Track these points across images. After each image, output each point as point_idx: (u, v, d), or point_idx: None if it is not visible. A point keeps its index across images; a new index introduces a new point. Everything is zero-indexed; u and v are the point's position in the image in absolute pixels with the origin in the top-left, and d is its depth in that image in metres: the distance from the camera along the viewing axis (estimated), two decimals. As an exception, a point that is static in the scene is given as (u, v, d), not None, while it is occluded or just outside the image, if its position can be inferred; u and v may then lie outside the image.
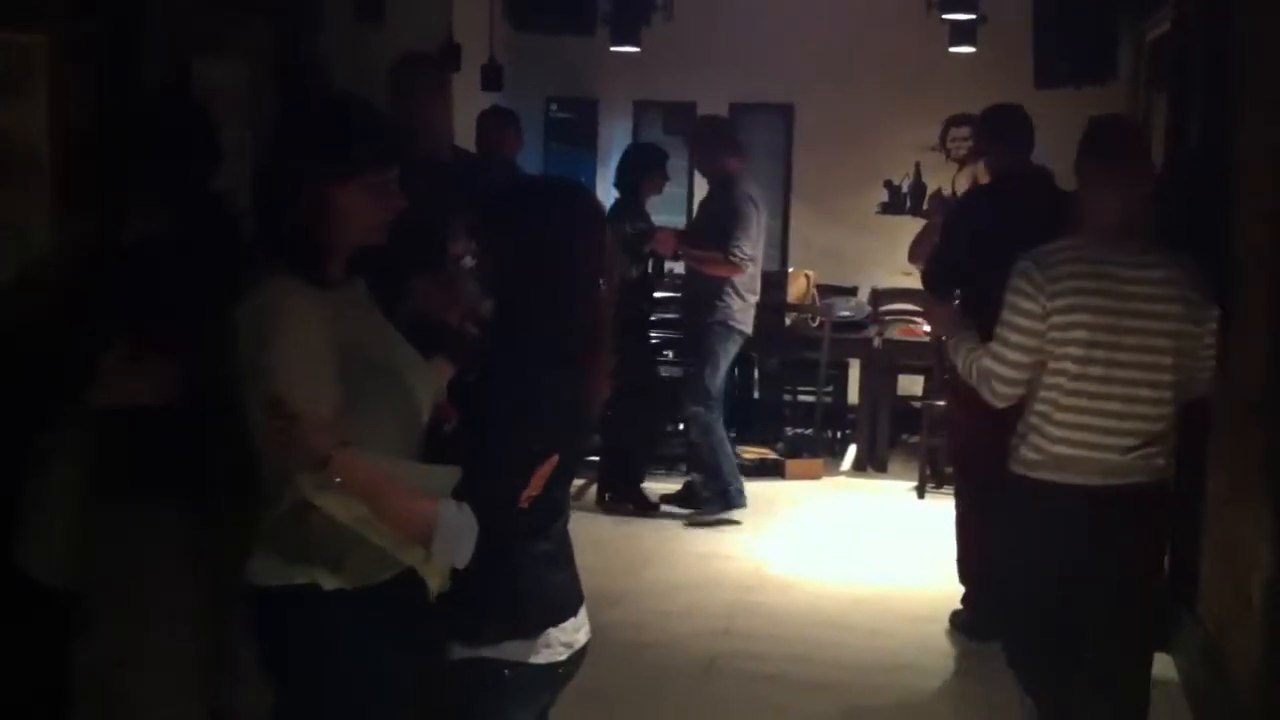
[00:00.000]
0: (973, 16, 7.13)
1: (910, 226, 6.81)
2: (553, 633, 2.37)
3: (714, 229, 6.25)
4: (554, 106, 9.18)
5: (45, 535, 2.79)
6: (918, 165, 8.33)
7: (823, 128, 8.90)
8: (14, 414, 2.83)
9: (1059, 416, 3.22)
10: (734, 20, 8.66)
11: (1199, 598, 4.52)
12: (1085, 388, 3.19)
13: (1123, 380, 3.17)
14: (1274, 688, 3.27)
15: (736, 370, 8.19)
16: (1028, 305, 3.19)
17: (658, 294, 7.08)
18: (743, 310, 6.34)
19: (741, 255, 6.18)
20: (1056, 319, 3.17)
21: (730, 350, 6.38)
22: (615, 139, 9.34)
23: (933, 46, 7.80)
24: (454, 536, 2.13)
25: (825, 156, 8.87)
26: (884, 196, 8.45)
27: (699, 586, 5.53)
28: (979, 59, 7.68)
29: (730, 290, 6.29)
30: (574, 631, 2.43)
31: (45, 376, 2.70)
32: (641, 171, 6.57)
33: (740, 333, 6.33)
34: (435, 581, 2.21)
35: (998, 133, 4.95)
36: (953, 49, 7.53)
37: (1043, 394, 3.25)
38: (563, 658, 2.39)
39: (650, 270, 6.80)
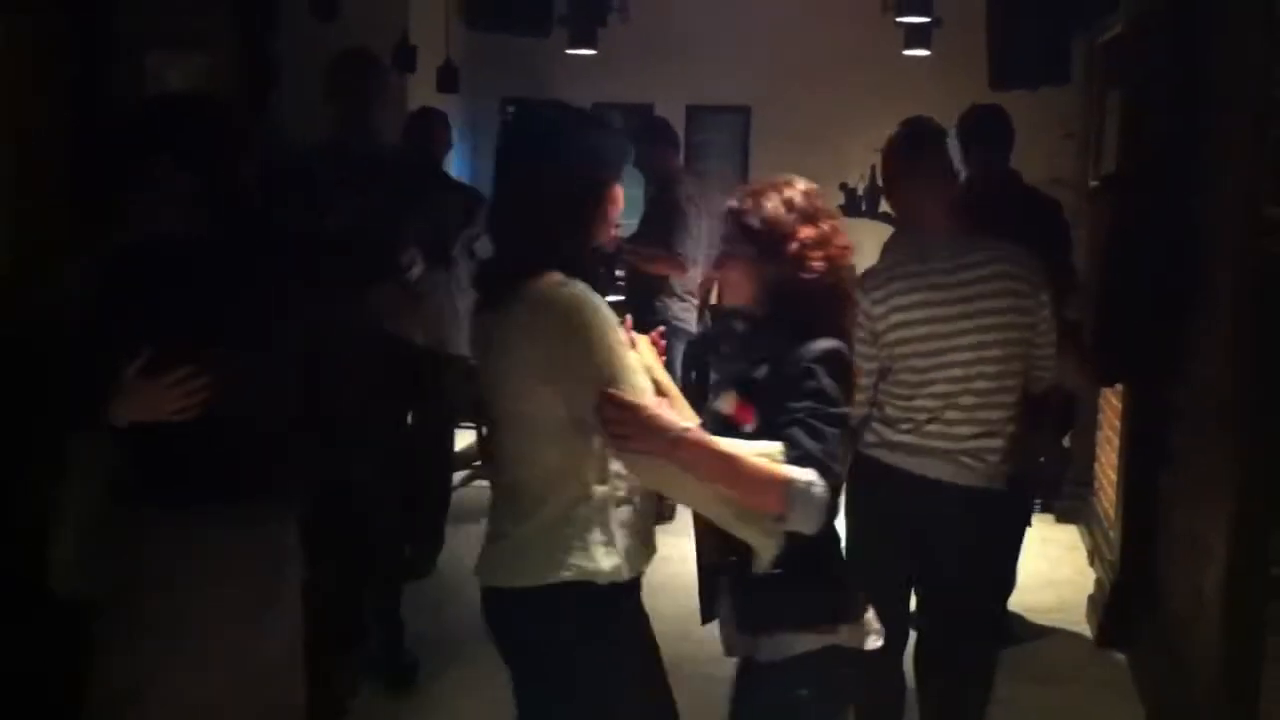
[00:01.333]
0: (928, 19, 7.16)
1: (867, 228, 6.82)
2: (868, 618, 2.45)
3: (657, 229, 6.21)
4: (511, 108, 9.12)
5: (67, 547, 2.75)
6: (873, 168, 8.30)
7: (779, 130, 8.91)
8: (25, 419, 2.82)
9: (894, 408, 3.27)
10: (690, 22, 8.66)
11: (1157, 595, 4.54)
12: (918, 381, 3.23)
13: (954, 377, 3.20)
14: (1230, 684, 3.29)
15: (695, 373, 8.18)
16: (860, 332, 3.17)
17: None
18: (684, 310, 6.33)
19: (686, 254, 6.19)
20: (888, 336, 3.24)
21: (675, 351, 6.35)
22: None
23: (888, 49, 7.82)
24: (809, 502, 2.19)
25: (782, 158, 8.83)
26: (840, 199, 8.46)
27: (655, 591, 5.44)
28: (934, 61, 7.70)
29: (670, 289, 6.25)
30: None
31: (59, 383, 2.64)
32: None
33: (684, 333, 6.28)
34: (768, 554, 2.27)
35: (977, 134, 4.95)
36: (908, 51, 7.56)
37: (884, 386, 3.29)
38: (880, 645, 2.45)
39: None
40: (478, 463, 7.21)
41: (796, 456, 2.24)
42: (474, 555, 2.50)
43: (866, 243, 5.79)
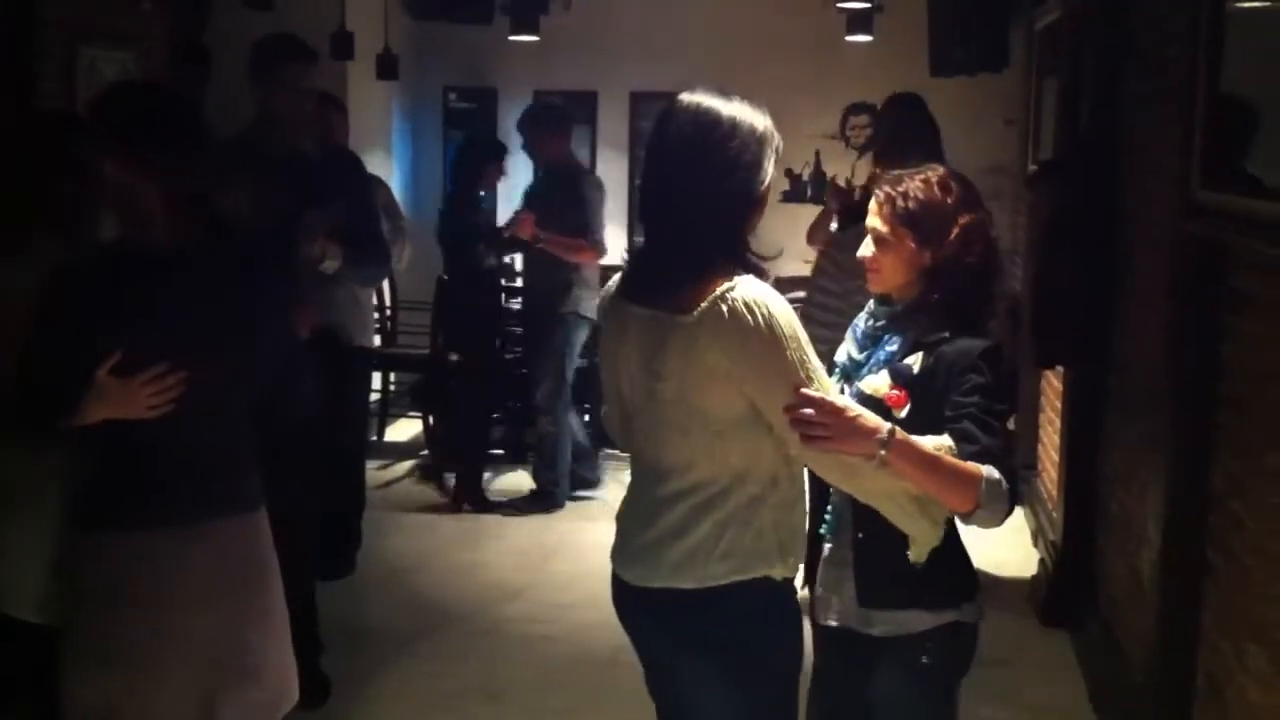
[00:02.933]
0: (869, 5, 7.19)
1: (811, 214, 6.84)
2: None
3: (567, 216, 6.15)
4: (453, 96, 9.06)
5: (28, 567, 2.70)
6: (818, 154, 8.37)
7: (724, 117, 8.90)
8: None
9: None
10: (633, 9, 8.63)
11: (1093, 574, 4.60)
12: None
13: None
14: (1165, 662, 3.33)
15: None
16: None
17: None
18: (590, 298, 6.34)
19: (601, 240, 6.20)
20: None
21: (581, 340, 6.33)
22: (515, 128, 9.27)
23: (831, 35, 7.84)
24: (998, 497, 2.23)
25: (726, 145, 8.87)
26: (785, 185, 8.48)
27: (602, 577, 5.44)
28: (876, 48, 7.73)
29: (580, 279, 6.26)
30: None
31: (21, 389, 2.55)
32: (481, 164, 6.46)
33: (590, 321, 6.26)
34: (924, 552, 2.35)
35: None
36: (850, 38, 7.58)
37: None
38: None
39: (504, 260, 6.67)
40: (424, 452, 7.18)
41: (974, 451, 2.25)
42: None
43: (808, 228, 5.85)
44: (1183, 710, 3.20)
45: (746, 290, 2.17)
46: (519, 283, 6.95)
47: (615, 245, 9.31)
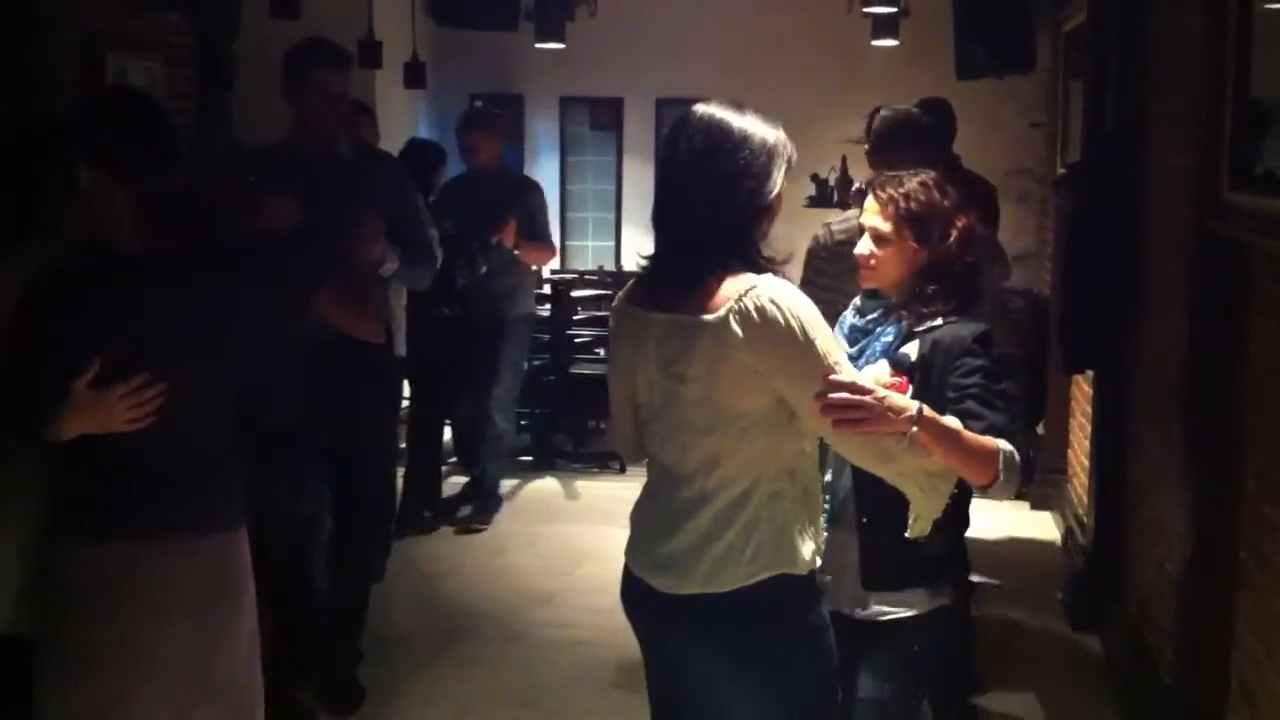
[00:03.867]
0: (894, 9, 7.18)
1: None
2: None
3: (523, 220, 6.13)
4: (479, 103, 9.11)
5: (11, 583, 2.62)
6: (844, 159, 8.35)
7: (750, 122, 8.90)
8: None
9: None
10: (659, 15, 8.65)
11: (1123, 578, 4.58)
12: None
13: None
14: (1194, 666, 3.32)
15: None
16: None
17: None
18: (534, 300, 6.54)
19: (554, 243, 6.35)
20: None
21: (524, 341, 6.44)
22: (542, 135, 9.30)
23: (856, 40, 7.84)
24: (1013, 470, 2.33)
25: (752, 151, 8.87)
26: (811, 190, 8.48)
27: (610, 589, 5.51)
28: (901, 52, 7.72)
29: (529, 282, 6.38)
30: None
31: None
32: (433, 171, 6.40)
33: (538, 320, 6.51)
34: (927, 527, 2.42)
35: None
36: (875, 42, 7.57)
37: None
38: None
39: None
40: (453, 459, 7.22)
41: (982, 428, 2.36)
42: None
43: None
44: (1213, 715, 3.19)
45: (770, 287, 2.23)
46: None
47: (644, 249, 9.37)
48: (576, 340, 7.62)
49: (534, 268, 6.46)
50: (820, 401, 2.18)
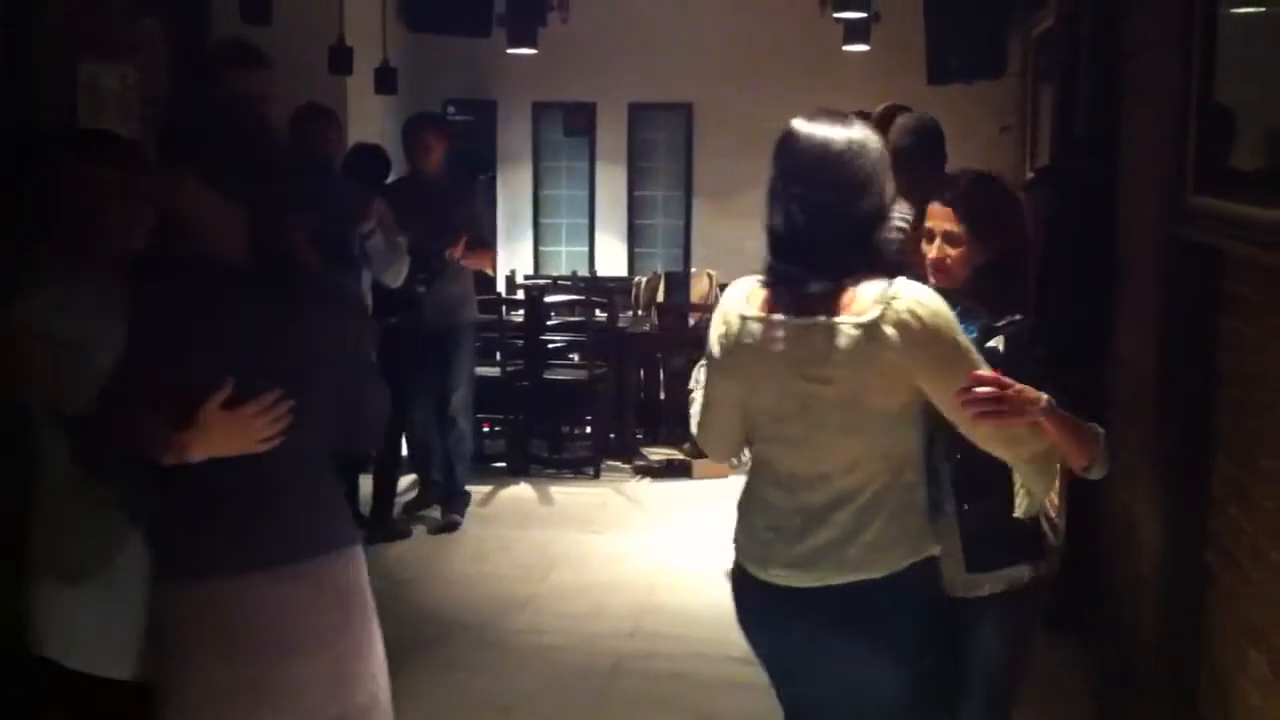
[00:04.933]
0: (865, 15, 7.20)
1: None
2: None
3: (467, 226, 6.16)
4: (452, 109, 9.10)
5: (110, 622, 2.51)
6: (816, 163, 8.38)
7: (722, 126, 8.94)
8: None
9: None
10: (631, 21, 8.67)
11: (1098, 580, 4.60)
12: None
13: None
14: (1168, 667, 3.34)
15: (642, 372, 8.20)
16: None
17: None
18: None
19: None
20: None
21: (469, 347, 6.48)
22: (515, 140, 9.30)
23: (828, 44, 7.87)
24: (1107, 450, 2.50)
25: (725, 155, 8.90)
26: (784, 195, 8.51)
27: (606, 588, 5.52)
28: (873, 56, 7.75)
29: (473, 288, 6.44)
30: None
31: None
32: (371, 173, 6.39)
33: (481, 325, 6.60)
34: (1036, 506, 2.58)
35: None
36: (847, 47, 7.60)
37: None
38: None
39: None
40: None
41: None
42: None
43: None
44: (1186, 714, 3.21)
45: (913, 290, 2.34)
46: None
47: (617, 256, 9.41)
48: (550, 346, 7.62)
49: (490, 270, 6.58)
50: (965, 396, 2.29)
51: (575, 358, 7.77)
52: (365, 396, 2.57)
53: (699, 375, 2.68)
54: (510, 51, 7.76)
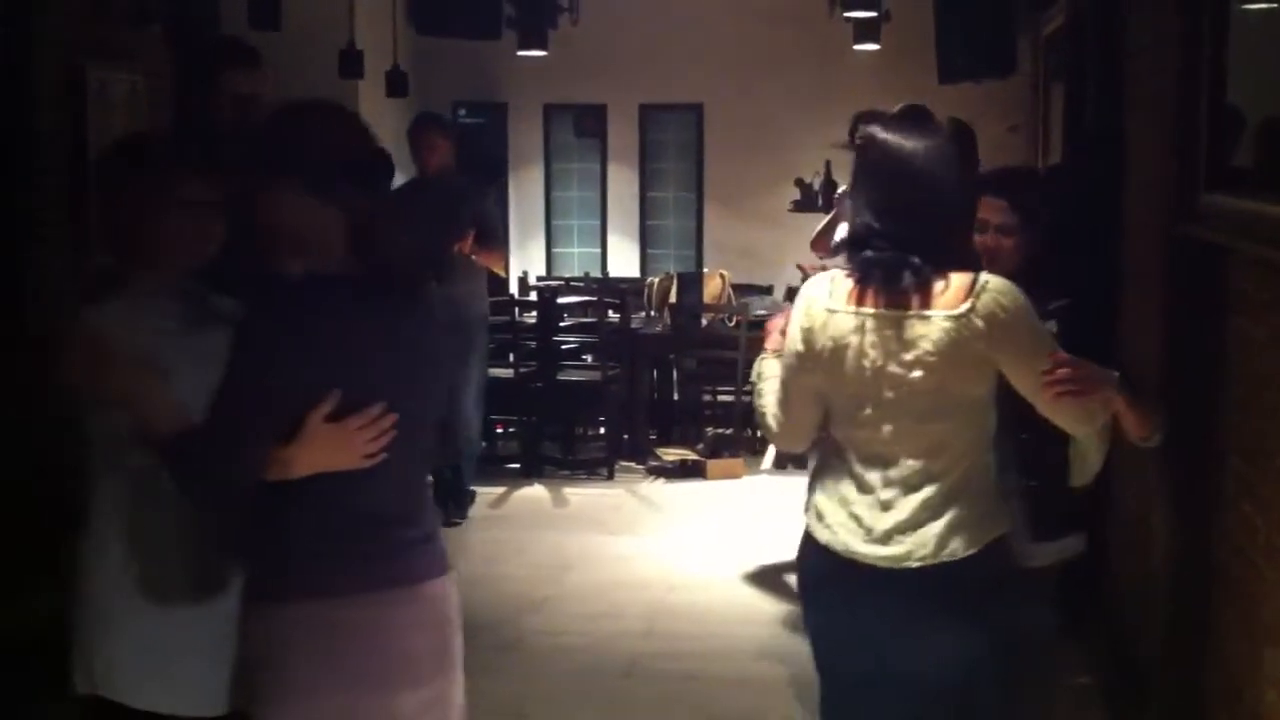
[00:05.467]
0: (875, 14, 7.21)
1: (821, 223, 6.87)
2: None
3: (476, 222, 6.19)
4: (462, 111, 9.13)
5: (194, 656, 2.39)
6: (828, 163, 8.38)
7: (733, 127, 8.94)
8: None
9: None
10: (640, 22, 8.68)
11: (1105, 579, 4.60)
12: None
13: None
14: (1175, 665, 3.33)
15: (655, 372, 8.21)
16: None
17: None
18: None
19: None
20: None
21: (482, 342, 6.52)
22: (526, 143, 9.32)
23: (838, 44, 7.87)
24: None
25: (736, 156, 8.91)
26: (796, 194, 8.51)
27: (621, 588, 5.53)
28: (883, 56, 7.75)
29: (484, 283, 6.49)
30: None
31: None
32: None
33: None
34: (1089, 478, 2.83)
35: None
36: (857, 46, 7.60)
37: None
38: None
39: None
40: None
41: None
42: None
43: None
44: (1194, 714, 3.20)
45: (998, 283, 2.47)
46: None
47: (629, 257, 9.42)
48: (563, 347, 7.63)
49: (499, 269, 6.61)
50: (1049, 378, 2.42)
51: (588, 359, 7.78)
52: (464, 410, 2.50)
53: (762, 369, 2.79)
54: (520, 54, 7.78)
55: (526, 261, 9.17)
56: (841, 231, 6.12)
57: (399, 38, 7.45)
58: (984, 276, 2.47)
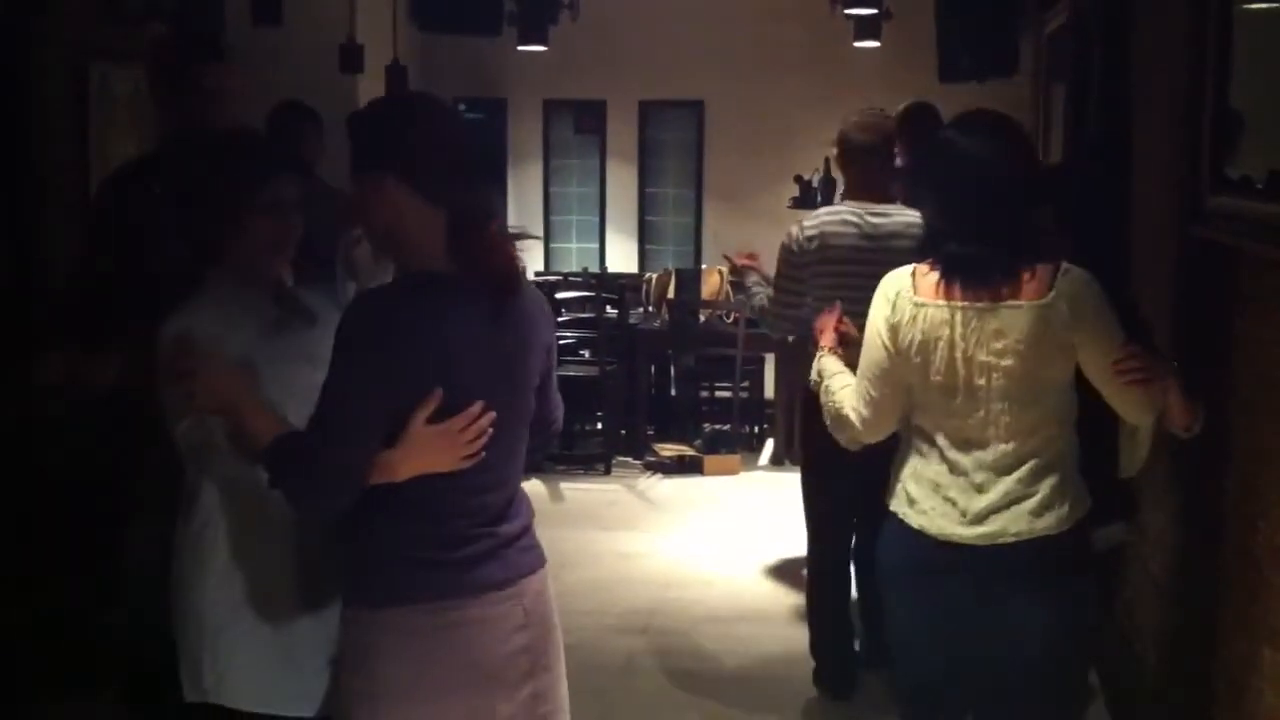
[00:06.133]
0: (875, 11, 7.20)
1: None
2: None
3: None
4: (463, 107, 9.10)
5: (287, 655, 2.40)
6: (828, 160, 8.34)
7: (733, 124, 8.94)
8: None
9: None
10: (641, 18, 8.67)
11: (1109, 581, 4.60)
12: None
13: None
14: (1180, 668, 3.33)
15: (653, 368, 8.21)
16: None
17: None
18: None
19: None
20: None
21: None
22: (526, 138, 9.30)
23: (839, 41, 7.87)
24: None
25: (736, 153, 8.90)
26: (795, 192, 8.50)
27: (619, 585, 5.53)
28: (884, 54, 7.75)
29: None
30: None
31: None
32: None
33: None
34: (1136, 468, 2.91)
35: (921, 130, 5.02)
36: (858, 44, 7.60)
37: None
38: None
39: None
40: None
41: None
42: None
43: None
44: (1197, 713, 3.20)
45: (1078, 273, 2.63)
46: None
47: (628, 253, 9.41)
48: (561, 343, 7.63)
49: None
50: (1121, 365, 2.58)
51: (586, 354, 7.78)
52: (555, 408, 2.50)
53: (822, 367, 2.95)
54: (521, 49, 7.78)
55: (524, 257, 9.14)
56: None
57: (399, 33, 7.44)
58: (1065, 266, 2.62)
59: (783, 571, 5.72)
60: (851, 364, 2.89)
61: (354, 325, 2.15)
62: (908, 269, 2.74)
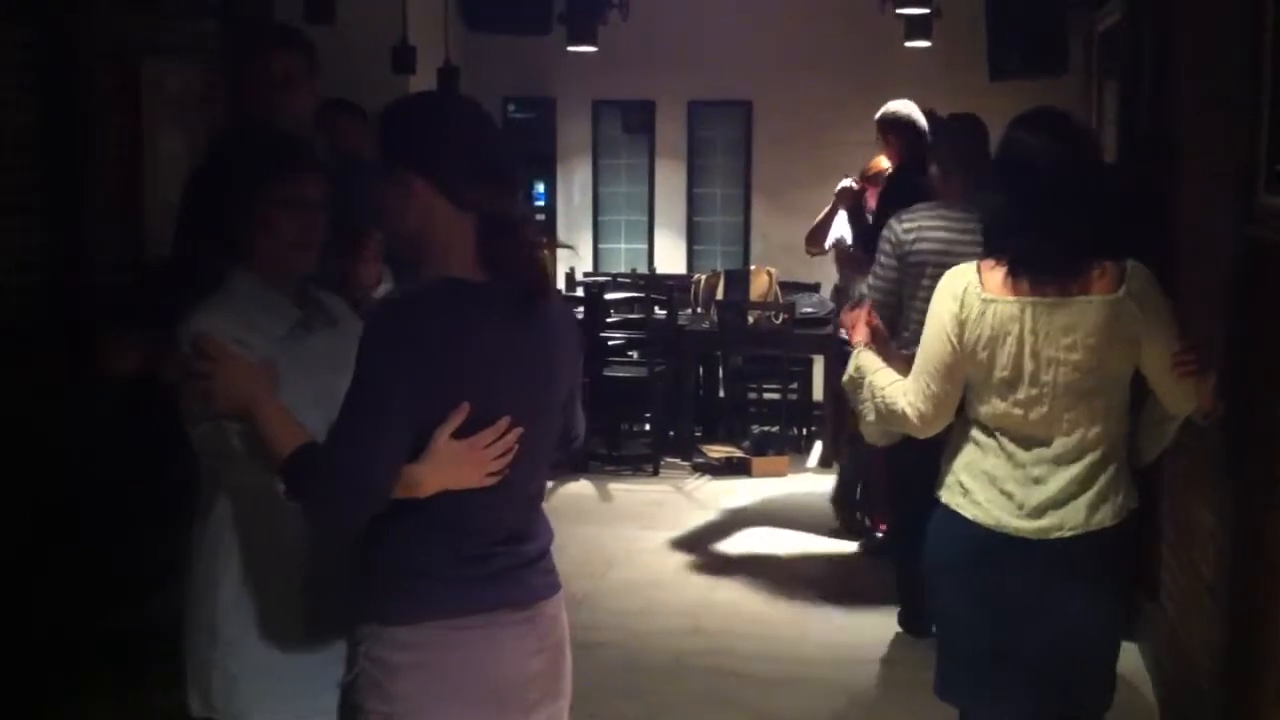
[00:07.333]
0: (926, 11, 7.17)
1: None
2: None
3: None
4: (512, 106, 9.15)
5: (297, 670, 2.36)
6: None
7: (782, 124, 8.91)
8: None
9: None
10: (690, 18, 8.66)
11: (1158, 581, 4.55)
12: None
13: None
14: (1232, 671, 3.30)
15: (701, 369, 8.21)
16: None
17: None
18: None
19: None
20: None
21: None
22: (574, 138, 9.33)
23: (888, 41, 7.83)
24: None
25: (785, 152, 8.88)
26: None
27: (663, 585, 5.53)
28: (934, 53, 7.71)
29: None
30: None
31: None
32: None
33: None
34: (1149, 461, 2.92)
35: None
36: (908, 43, 7.56)
37: None
38: None
39: None
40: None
41: None
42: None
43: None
44: (1249, 711, 3.16)
45: (1141, 267, 2.69)
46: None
47: (676, 253, 9.41)
48: (610, 343, 7.65)
49: None
50: (1179, 358, 2.65)
51: (634, 355, 7.80)
52: (578, 423, 2.44)
53: (861, 363, 2.96)
54: (570, 49, 7.80)
55: (573, 257, 9.18)
56: (839, 225, 6.16)
57: (450, 33, 7.49)
58: (1130, 262, 2.67)
59: (830, 573, 5.70)
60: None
61: (380, 333, 2.07)
62: (970, 265, 2.76)
